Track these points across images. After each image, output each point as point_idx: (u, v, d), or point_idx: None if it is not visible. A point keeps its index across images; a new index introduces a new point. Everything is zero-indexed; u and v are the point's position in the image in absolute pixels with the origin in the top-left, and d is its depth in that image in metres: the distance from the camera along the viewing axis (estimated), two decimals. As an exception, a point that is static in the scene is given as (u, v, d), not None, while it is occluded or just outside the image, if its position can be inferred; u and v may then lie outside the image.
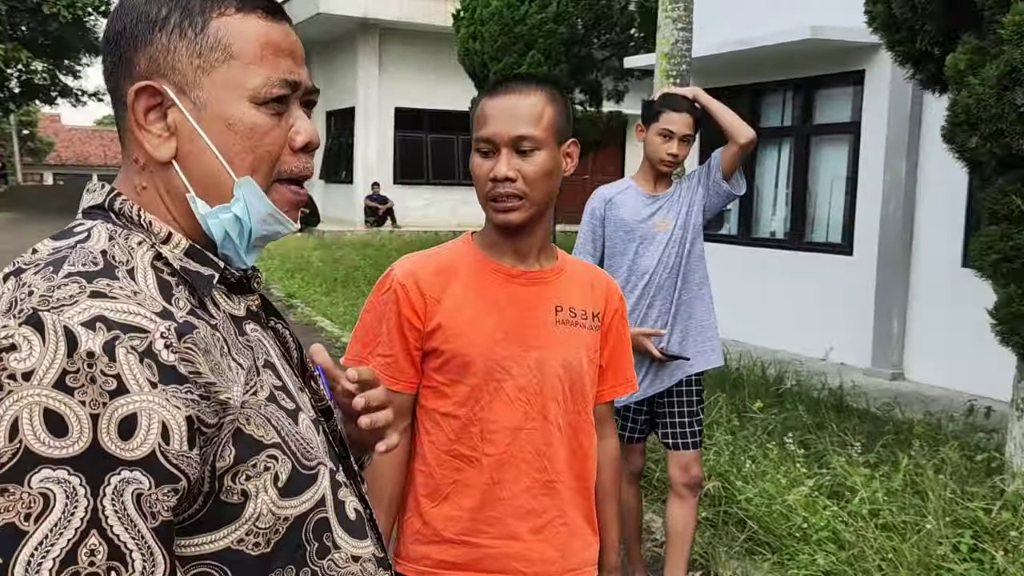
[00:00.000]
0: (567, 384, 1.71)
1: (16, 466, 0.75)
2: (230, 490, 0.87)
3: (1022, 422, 4.04)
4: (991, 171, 3.87)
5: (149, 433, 0.79)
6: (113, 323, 0.81)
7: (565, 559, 1.73)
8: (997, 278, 3.83)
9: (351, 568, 0.98)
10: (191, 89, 0.94)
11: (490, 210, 1.66)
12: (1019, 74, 3.50)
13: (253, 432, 0.90)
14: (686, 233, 3.26)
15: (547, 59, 12.13)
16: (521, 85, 1.66)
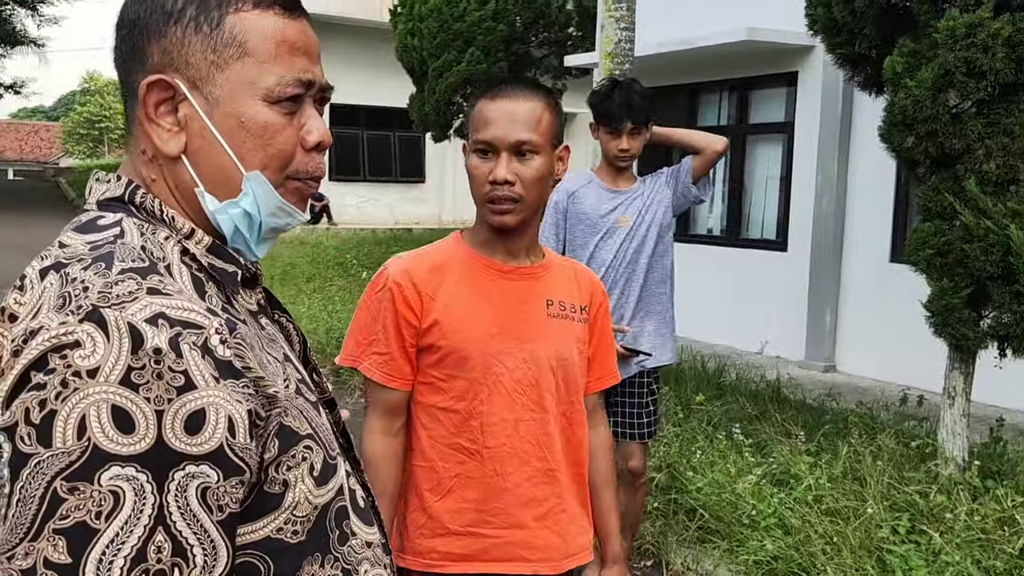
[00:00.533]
0: (560, 375, 1.76)
1: (86, 464, 0.75)
2: (273, 480, 0.88)
3: (953, 409, 4.22)
4: (925, 170, 4.04)
5: (217, 427, 0.80)
6: (174, 320, 0.81)
7: (566, 544, 1.78)
8: (931, 272, 4.00)
9: (366, 554, 1.00)
10: (204, 84, 0.93)
11: (486, 211, 1.69)
12: (952, 77, 3.66)
13: (291, 424, 0.91)
14: (648, 230, 3.31)
15: (486, 56, 12.14)
16: (520, 90, 1.69)
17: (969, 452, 4.27)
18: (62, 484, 0.75)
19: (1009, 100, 3.71)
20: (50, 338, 0.78)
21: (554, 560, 1.77)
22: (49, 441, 0.75)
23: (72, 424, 0.75)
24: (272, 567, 0.88)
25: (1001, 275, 3.80)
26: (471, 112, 1.71)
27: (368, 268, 11.91)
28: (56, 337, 0.78)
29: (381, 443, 1.72)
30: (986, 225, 3.73)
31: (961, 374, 4.21)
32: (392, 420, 1.73)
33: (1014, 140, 3.70)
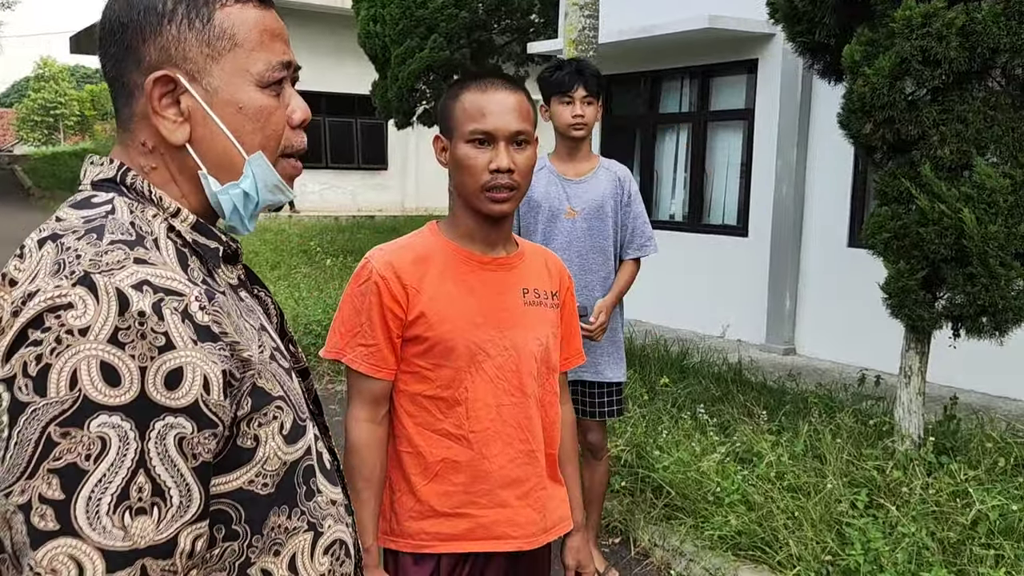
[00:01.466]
0: (539, 360, 1.83)
1: (77, 412, 0.84)
2: (245, 435, 0.97)
3: (909, 388, 4.36)
4: (882, 155, 4.16)
5: (193, 384, 0.89)
6: (157, 287, 0.89)
7: (545, 520, 1.87)
8: (888, 255, 4.13)
9: (330, 511, 1.09)
10: (202, 76, 1.01)
11: (484, 200, 1.73)
12: (908, 65, 3.77)
13: (264, 385, 0.99)
14: (595, 224, 3.26)
15: (449, 43, 12.12)
16: (506, 83, 1.75)
17: (924, 430, 4.42)
18: (55, 429, 0.84)
19: (963, 88, 3.83)
20: (46, 299, 0.86)
21: (535, 535, 1.85)
22: (44, 391, 0.84)
23: (65, 376, 0.84)
24: (243, 514, 0.97)
25: (955, 257, 3.93)
26: (454, 104, 1.74)
27: (332, 255, 11.88)
28: (51, 299, 0.86)
29: (367, 431, 1.77)
30: (940, 209, 3.86)
31: (917, 354, 4.35)
32: (377, 409, 1.78)
33: (967, 127, 3.82)
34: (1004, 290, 3.86)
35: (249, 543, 0.99)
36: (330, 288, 9.08)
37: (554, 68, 3.23)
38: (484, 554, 1.82)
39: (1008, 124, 3.79)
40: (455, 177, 1.77)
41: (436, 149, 1.81)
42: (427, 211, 19.33)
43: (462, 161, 1.72)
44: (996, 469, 4.09)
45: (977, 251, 3.81)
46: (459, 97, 1.74)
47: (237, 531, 0.97)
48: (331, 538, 1.08)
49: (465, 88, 1.75)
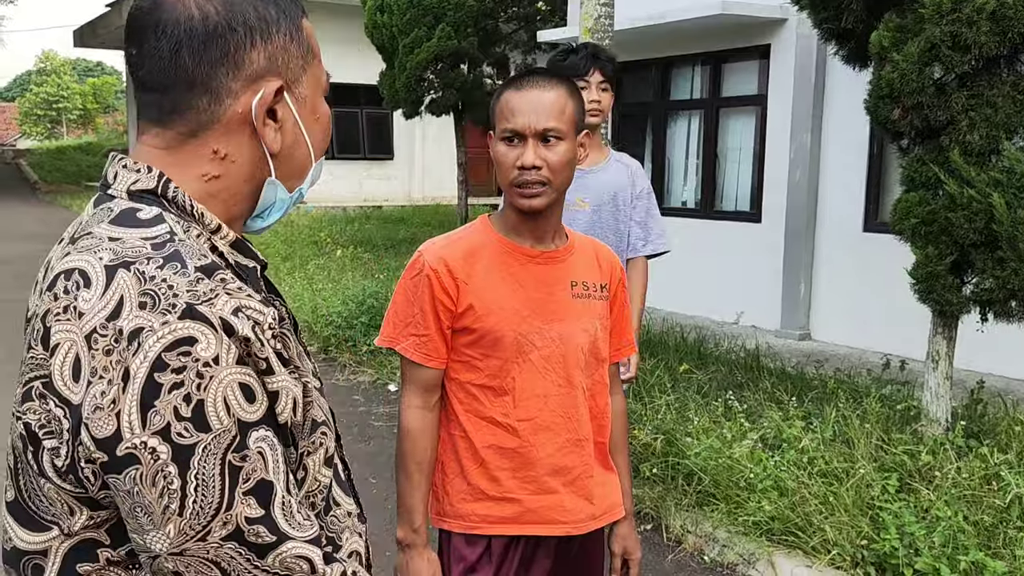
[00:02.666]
0: (587, 351, 1.86)
1: (240, 434, 0.87)
2: (299, 467, 0.99)
3: (937, 373, 4.38)
4: (910, 141, 4.17)
5: (286, 406, 0.93)
6: (247, 313, 0.90)
7: (593, 507, 1.90)
8: (916, 240, 4.14)
9: (347, 523, 1.09)
10: (296, 86, 1.03)
11: (515, 196, 1.77)
12: (938, 51, 3.77)
13: (315, 414, 1.01)
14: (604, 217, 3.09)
15: (456, 32, 12.10)
16: (544, 79, 1.78)
17: (952, 414, 4.44)
18: (233, 456, 0.86)
19: (992, 73, 3.83)
20: (160, 339, 0.84)
21: (583, 521, 1.89)
22: (207, 426, 0.85)
23: (221, 405, 0.86)
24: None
25: (984, 242, 3.94)
26: (496, 103, 1.79)
27: (342, 246, 11.89)
28: (166, 336, 0.84)
29: (420, 417, 1.81)
30: (970, 194, 3.87)
31: (944, 339, 4.36)
32: (429, 396, 1.83)
33: (996, 111, 3.83)
34: (1033, 274, 3.87)
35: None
36: (344, 279, 9.09)
37: (567, 52, 3.06)
38: (534, 538, 1.87)
39: (1037, 108, 3.79)
40: (496, 173, 1.82)
41: (490, 147, 1.84)
42: (433, 201, 19.33)
43: (496, 158, 1.78)
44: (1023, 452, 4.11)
45: (1007, 235, 3.81)
46: (500, 95, 1.79)
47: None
48: (348, 550, 1.08)
49: (508, 86, 1.80)
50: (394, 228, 14.70)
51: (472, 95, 12.79)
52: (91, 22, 23.36)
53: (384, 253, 11.83)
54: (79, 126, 39.53)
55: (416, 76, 12.14)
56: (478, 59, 12.90)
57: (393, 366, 6.46)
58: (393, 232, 14.10)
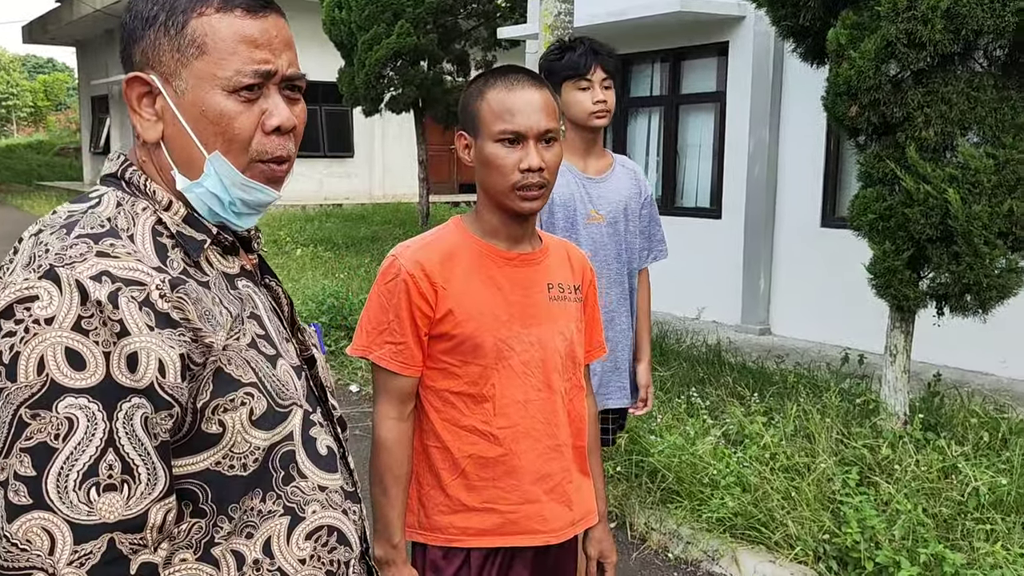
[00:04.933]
0: (564, 354, 1.83)
1: (45, 395, 0.92)
2: (210, 420, 1.03)
3: (895, 366, 4.43)
4: (866, 138, 4.20)
5: (148, 368, 0.96)
6: (116, 277, 0.97)
7: (572, 513, 1.86)
8: (873, 236, 4.18)
9: (316, 496, 1.13)
10: (173, 79, 1.07)
11: (515, 199, 1.72)
12: (894, 48, 3.81)
13: (232, 372, 1.05)
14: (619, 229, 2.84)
15: (416, 28, 12.02)
16: (532, 79, 1.73)
17: (910, 407, 4.49)
18: (26, 411, 0.92)
19: (946, 70, 3.88)
20: (15, 291, 0.94)
21: (563, 529, 1.85)
22: (15, 376, 0.92)
23: (33, 362, 0.92)
24: (210, 494, 1.04)
25: (940, 237, 3.99)
26: (480, 103, 1.73)
27: (302, 245, 11.76)
28: (20, 291, 0.94)
29: (396, 429, 1.76)
30: (926, 190, 3.91)
31: (902, 333, 4.41)
32: (404, 406, 1.77)
33: (951, 108, 3.87)
34: (988, 268, 3.93)
35: (215, 523, 1.04)
36: (304, 278, 8.99)
37: (562, 49, 2.78)
38: (512, 548, 1.82)
39: (991, 105, 3.84)
40: (482, 176, 1.75)
41: (459, 146, 1.79)
42: (395, 198, 19.22)
43: (492, 161, 1.71)
44: (981, 444, 4.18)
45: (962, 230, 3.87)
46: (484, 95, 1.72)
47: (204, 510, 1.04)
48: (315, 523, 1.12)
49: (490, 86, 1.73)
50: (355, 226, 14.58)
51: (432, 92, 12.73)
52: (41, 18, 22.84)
53: (345, 252, 11.72)
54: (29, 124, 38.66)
55: (376, 73, 12.04)
56: (438, 56, 12.83)
57: (354, 367, 6.39)
58: (354, 230, 13.99)
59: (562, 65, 2.73)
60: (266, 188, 1.11)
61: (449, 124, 14.34)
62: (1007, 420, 4.47)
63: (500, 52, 13.35)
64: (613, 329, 2.82)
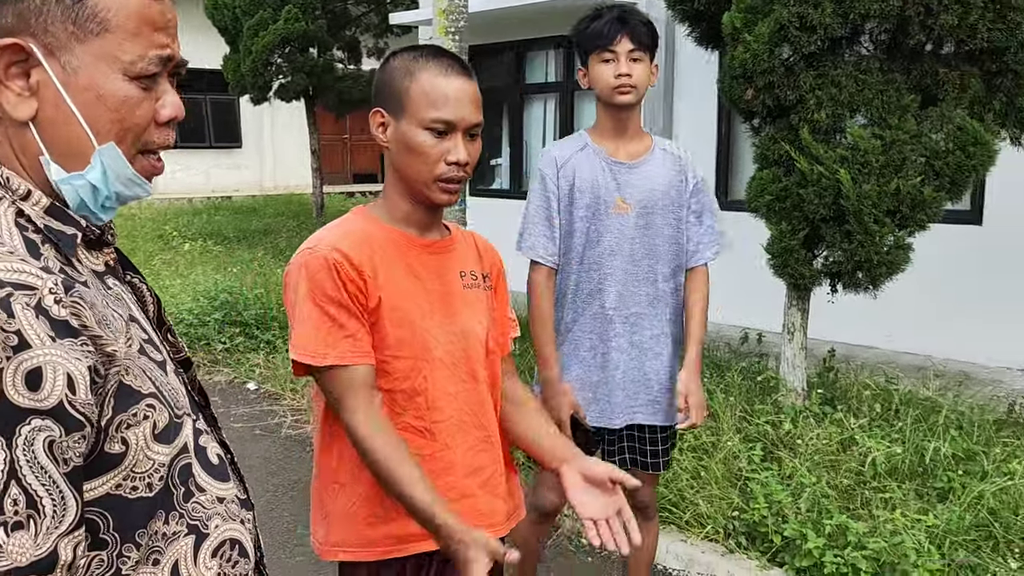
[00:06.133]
0: (483, 344, 1.75)
1: None
2: (112, 439, 0.90)
3: (793, 344, 4.55)
4: (761, 120, 4.28)
5: (56, 384, 0.83)
6: (4, 281, 0.83)
7: (506, 506, 1.80)
8: (770, 217, 4.27)
9: (216, 508, 1.04)
10: (62, 53, 0.93)
11: (435, 190, 1.64)
12: (787, 31, 3.88)
13: (132, 382, 0.93)
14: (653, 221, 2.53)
15: (304, 14, 11.70)
16: (463, 67, 1.64)
17: (808, 383, 4.62)
18: None
19: (836, 53, 3.98)
20: None
21: (499, 523, 1.78)
22: None
23: None
24: (111, 522, 0.92)
25: (833, 217, 4.11)
26: (409, 83, 1.61)
27: (190, 240, 11.33)
28: None
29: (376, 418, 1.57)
30: (819, 171, 4.01)
31: (799, 310, 4.53)
32: (374, 394, 1.61)
33: (841, 90, 3.98)
34: (878, 246, 4.07)
35: (119, 552, 0.93)
36: (194, 274, 8.64)
37: (591, 18, 2.48)
38: None
39: (877, 87, 3.97)
40: (400, 160, 1.65)
41: (373, 123, 1.68)
42: (287, 190, 18.74)
43: (416, 147, 1.61)
44: (874, 415, 4.33)
45: (853, 209, 3.98)
46: (415, 76, 1.61)
47: (106, 540, 0.92)
48: (219, 539, 1.04)
49: (422, 67, 1.62)
50: (246, 219, 14.13)
51: (323, 80, 12.43)
52: None
53: (236, 246, 11.34)
54: None
55: (263, 60, 11.67)
56: (328, 43, 12.54)
57: (251, 364, 6.18)
58: (245, 223, 13.55)
59: (588, 35, 2.46)
60: (145, 183, 1.03)
61: (342, 113, 14.07)
62: (897, 391, 4.66)
63: (392, 39, 13.14)
64: (640, 335, 2.56)
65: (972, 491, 3.56)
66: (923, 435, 4.07)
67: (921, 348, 6.33)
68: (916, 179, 3.96)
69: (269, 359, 6.17)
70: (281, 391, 5.71)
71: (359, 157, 21.06)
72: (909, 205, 4.02)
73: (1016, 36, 3.78)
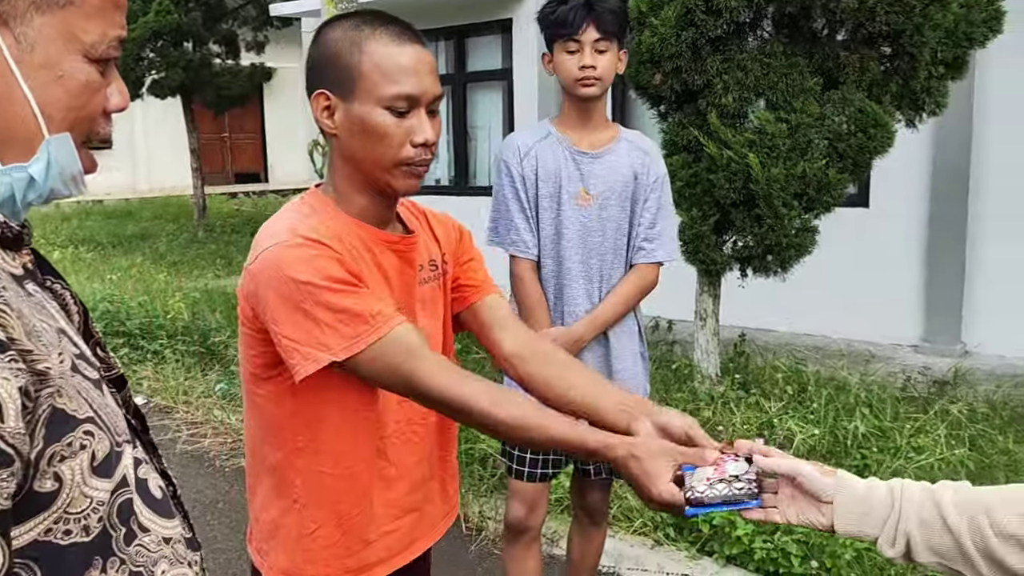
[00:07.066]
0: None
1: None
2: (43, 474, 0.76)
3: (705, 330, 4.55)
4: (667, 106, 4.25)
5: None
6: None
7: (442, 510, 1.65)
8: (681, 203, 4.23)
9: (163, 551, 0.89)
10: (16, 24, 0.81)
11: (399, 176, 1.41)
12: (693, 15, 3.84)
13: (67, 406, 0.78)
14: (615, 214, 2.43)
15: (176, 6, 11.15)
16: (414, 32, 1.42)
17: (721, 368, 4.63)
18: None
19: (741, 37, 3.98)
20: None
21: (439, 527, 1.65)
22: None
23: None
24: (39, 574, 0.77)
25: (743, 201, 4.11)
26: (358, 56, 1.38)
27: (59, 247, 10.64)
28: None
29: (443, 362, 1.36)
30: (728, 155, 4.00)
31: (710, 296, 4.53)
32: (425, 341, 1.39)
33: (747, 74, 3.98)
34: (786, 229, 4.09)
35: None
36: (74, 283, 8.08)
37: (556, 2, 2.35)
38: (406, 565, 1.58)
39: (782, 71, 3.98)
40: (356, 146, 1.41)
41: (317, 108, 1.43)
42: (163, 192, 17.91)
43: (375, 130, 1.38)
44: (787, 397, 4.37)
45: (763, 193, 3.99)
46: (365, 48, 1.38)
47: None
48: None
49: (371, 37, 1.38)
50: (120, 224, 13.41)
51: (200, 75, 11.88)
52: None
53: (112, 252, 10.72)
54: None
55: (133, 55, 11.07)
56: (204, 36, 11.98)
57: (139, 376, 5.78)
58: (120, 228, 12.85)
59: (552, 21, 2.33)
60: (83, 184, 0.91)
61: (221, 110, 13.50)
62: (806, 373, 4.72)
63: (273, 32, 12.68)
64: (617, 336, 2.47)
65: (887, 468, 3.61)
66: (835, 414, 4.12)
67: (818, 329, 6.49)
68: (821, 162, 4.00)
69: (158, 370, 5.79)
70: (173, 403, 5.37)
71: (240, 156, 20.33)
72: (815, 188, 4.06)
73: (912, 19, 3.85)
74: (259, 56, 12.96)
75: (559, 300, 2.45)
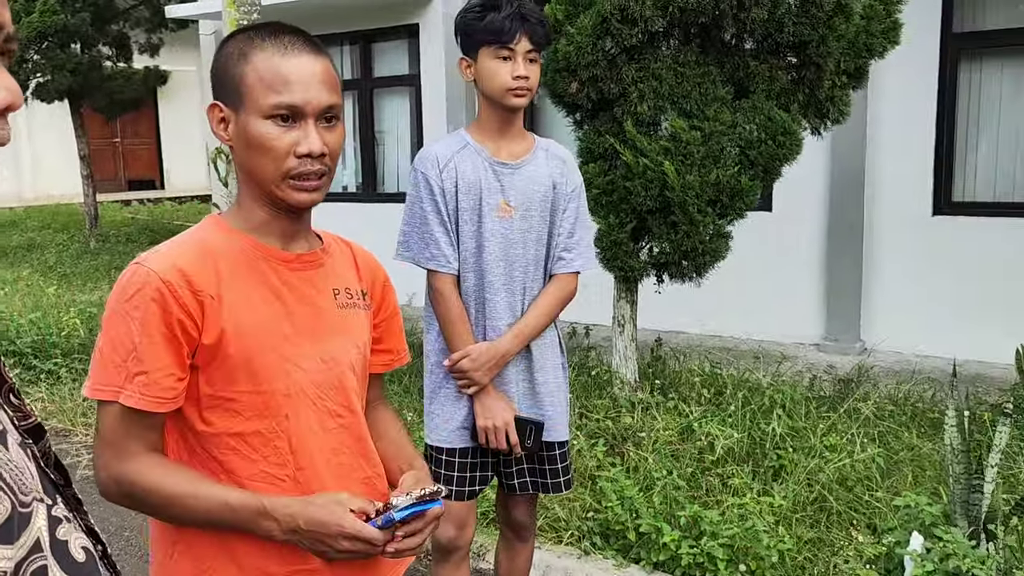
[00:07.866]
0: (359, 370, 1.52)
1: None
2: None
3: (623, 336, 4.58)
4: (583, 114, 4.26)
5: None
6: None
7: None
8: (599, 211, 4.25)
9: None
10: None
11: (287, 189, 1.38)
12: (609, 24, 3.86)
13: None
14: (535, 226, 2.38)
15: (63, 6, 10.63)
16: (308, 43, 1.39)
17: (640, 373, 4.67)
18: None
19: (656, 46, 4.01)
20: None
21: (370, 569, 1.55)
22: None
23: None
24: None
25: (659, 208, 4.15)
26: (244, 67, 1.37)
27: (-61, 261, 9.99)
28: None
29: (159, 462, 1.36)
30: (644, 163, 4.03)
31: (628, 303, 4.56)
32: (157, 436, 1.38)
33: (661, 83, 4.02)
34: (701, 235, 4.15)
35: None
36: (-50, 300, 7.58)
37: (483, 7, 2.31)
38: None
39: (695, 80, 4.04)
40: (245, 159, 1.40)
41: (213, 120, 1.41)
42: (51, 200, 17.06)
43: (259, 141, 1.36)
44: (704, 400, 4.44)
45: (678, 200, 4.04)
46: (250, 59, 1.37)
47: None
48: None
49: (257, 47, 1.37)
50: (4, 234, 12.69)
51: (89, 79, 11.36)
52: None
53: (-4, 264, 10.13)
54: None
55: (18, 56, 10.48)
56: (93, 38, 11.46)
57: (33, 398, 5.45)
58: (4, 239, 12.16)
59: (482, 27, 2.28)
60: None
61: (112, 115, 12.95)
62: (721, 376, 4.81)
63: (168, 35, 12.23)
64: (539, 347, 2.43)
65: (803, 468, 3.70)
66: (752, 416, 4.20)
67: (727, 330, 6.63)
68: (734, 169, 4.08)
69: (53, 391, 5.47)
70: (71, 426, 5.08)
71: (134, 162, 19.55)
72: (728, 194, 4.13)
73: (818, 30, 3.97)
74: (153, 59, 12.48)
75: (481, 314, 2.39)
